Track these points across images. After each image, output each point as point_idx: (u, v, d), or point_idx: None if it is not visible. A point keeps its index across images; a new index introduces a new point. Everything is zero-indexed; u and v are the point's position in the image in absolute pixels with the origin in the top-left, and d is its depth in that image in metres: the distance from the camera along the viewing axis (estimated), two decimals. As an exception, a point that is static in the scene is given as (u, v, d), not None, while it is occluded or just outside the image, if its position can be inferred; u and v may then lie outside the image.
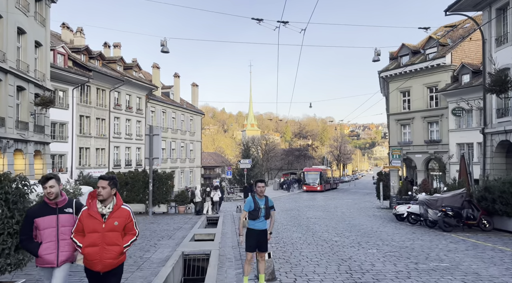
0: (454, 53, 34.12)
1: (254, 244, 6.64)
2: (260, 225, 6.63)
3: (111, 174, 21.19)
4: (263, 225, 6.67)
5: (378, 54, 17.32)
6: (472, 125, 31.57)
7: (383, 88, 47.18)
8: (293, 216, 19.86)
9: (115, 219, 4.23)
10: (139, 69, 42.07)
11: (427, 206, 14.07)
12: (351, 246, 10.69)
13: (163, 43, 16.53)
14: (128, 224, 4.34)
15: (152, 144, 20.57)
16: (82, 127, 32.06)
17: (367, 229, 14.57)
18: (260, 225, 6.64)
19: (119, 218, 4.26)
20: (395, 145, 38.64)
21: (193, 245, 11.10)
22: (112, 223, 4.20)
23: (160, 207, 21.82)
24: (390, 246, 10.72)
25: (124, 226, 4.30)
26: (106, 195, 4.27)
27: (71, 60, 31.16)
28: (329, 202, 31.22)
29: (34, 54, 20.12)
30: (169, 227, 15.55)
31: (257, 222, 6.61)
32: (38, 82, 19.70)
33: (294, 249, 10.41)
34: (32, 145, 19.20)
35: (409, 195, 18.38)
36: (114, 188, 4.39)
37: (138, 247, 10.74)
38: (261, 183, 6.71)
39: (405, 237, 12.48)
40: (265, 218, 6.65)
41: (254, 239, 6.62)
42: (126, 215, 4.33)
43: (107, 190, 4.28)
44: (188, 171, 49.92)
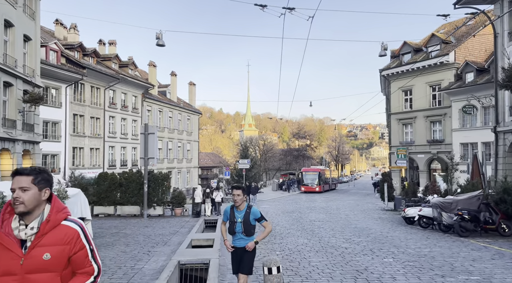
0: (457, 51, 33.32)
1: (235, 265, 5.58)
2: (238, 242, 5.44)
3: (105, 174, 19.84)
4: (242, 243, 5.42)
5: (385, 48, 16.45)
6: (476, 125, 30.79)
7: (384, 87, 46.41)
8: (295, 219, 18.95)
9: (45, 248, 2.28)
10: (135, 67, 41.05)
11: (441, 209, 13.19)
12: (364, 254, 9.78)
13: (159, 36, 15.58)
14: (76, 254, 2.38)
15: (147, 143, 19.58)
16: (75, 127, 31.04)
17: (376, 233, 13.67)
18: (238, 243, 5.45)
19: (53, 246, 2.29)
20: (396, 145, 37.87)
21: (190, 252, 10.17)
22: (40, 256, 2.25)
23: (156, 209, 20.86)
24: (407, 254, 9.82)
25: (66, 259, 2.34)
26: (30, 204, 2.29)
27: (64, 57, 30.15)
28: (330, 204, 30.35)
29: (23, 48, 19.12)
30: (165, 231, 14.61)
31: (234, 238, 5.47)
32: (27, 78, 18.70)
33: (302, 258, 9.50)
34: (20, 144, 18.20)
35: (419, 197, 17.52)
36: (45, 190, 2.38)
37: (130, 256, 9.80)
38: (237, 190, 5.36)
39: (420, 243, 11.59)
40: (245, 235, 5.34)
41: (234, 258, 5.57)
42: (69, 239, 2.35)
43: (30, 194, 2.29)
44: (185, 172, 48.93)
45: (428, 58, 34.73)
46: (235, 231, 5.34)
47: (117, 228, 15.35)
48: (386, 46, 16.36)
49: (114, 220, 18.40)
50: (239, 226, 5.28)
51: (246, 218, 5.28)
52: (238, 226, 5.28)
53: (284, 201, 34.64)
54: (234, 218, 5.33)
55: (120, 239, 12.66)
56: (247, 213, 5.33)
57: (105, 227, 15.79)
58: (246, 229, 5.29)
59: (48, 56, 27.82)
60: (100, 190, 20.72)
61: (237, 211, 5.38)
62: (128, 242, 11.96)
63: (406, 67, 36.32)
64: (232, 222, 5.34)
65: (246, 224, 5.28)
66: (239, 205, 5.33)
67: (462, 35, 35.64)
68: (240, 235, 5.32)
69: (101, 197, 20.72)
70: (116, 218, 19.38)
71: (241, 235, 5.33)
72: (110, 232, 14.32)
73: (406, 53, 37.76)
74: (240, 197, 5.29)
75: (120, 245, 11.39)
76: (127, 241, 12.27)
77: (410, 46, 37.29)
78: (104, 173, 21.86)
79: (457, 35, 36.39)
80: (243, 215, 5.31)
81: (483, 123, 30.34)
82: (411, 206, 16.31)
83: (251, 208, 5.40)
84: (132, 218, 19.73)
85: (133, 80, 37.86)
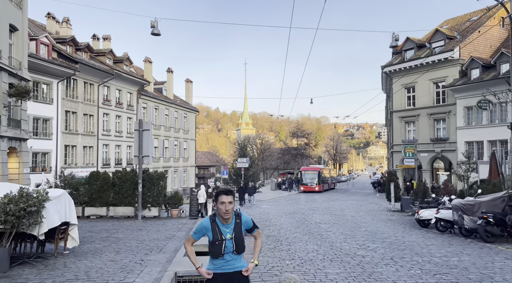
0: (462, 47, 32.38)
1: None
2: (228, 266, 3.79)
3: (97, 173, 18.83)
4: (234, 265, 3.82)
5: (396, 39, 15.43)
6: (482, 122, 29.93)
7: (385, 85, 45.47)
8: (299, 221, 17.86)
9: None
10: (130, 63, 39.82)
11: (463, 212, 12.14)
12: (386, 264, 8.69)
13: (154, 24, 14.45)
14: None
15: (142, 140, 18.50)
16: (68, 124, 29.82)
17: (391, 238, 12.61)
18: (228, 267, 3.79)
19: None
20: (398, 143, 36.95)
21: (188, 261, 9.03)
22: None
23: (151, 210, 19.73)
24: (434, 264, 8.73)
25: None
26: None
27: (56, 51, 28.93)
28: (332, 204, 29.34)
29: (9, 39, 17.91)
30: (160, 235, 13.49)
31: (221, 262, 3.78)
32: (12, 71, 17.49)
33: (316, 269, 8.39)
34: (5, 141, 17.00)
35: (432, 198, 16.52)
36: None
37: (120, 265, 8.68)
38: (226, 196, 3.76)
39: (444, 250, 10.52)
40: (236, 253, 3.80)
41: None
42: None
43: None
44: (181, 171, 47.77)
45: (432, 54, 33.79)
46: (222, 253, 3.74)
47: (108, 232, 14.21)
48: (398, 37, 15.33)
49: (106, 222, 17.25)
50: (229, 245, 3.75)
51: (237, 232, 3.80)
52: (228, 245, 3.75)
53: (284, 201, 33.60)
54: (220, 235, 3.74)
55: (111, 244, 11.52)
56: (237, 225, 3.83)
57: (95, 230, 14.63)
58: (239, 246, 3.78)
59: (38, 50, 26.63)
60: (92, 190, 19.57)
61: (223, 225, 3.80)
62: (119, 249, 10.83)
63: (409, 63, 35.40)
64: (217, 241, 3.73)
65: (238, 239, 3.79)
66: (227, 218, 3.79)
67: (466, 31, 34.69)
68: (231, 255, 3.78)
69: (92, 197, 19.56)
70: (109, 220, 18.23)
71: (232, 255, 3.79)
72: (100, 236, 13.17)
73: (409, 49, 36.81)
74: (232, 205, 3.78)
75: (110, 252, 10.26)
76: (118, 247, 11.13)
77: (413, 42, 36.33)
78: (96, 172, 20.69)
79: (461, 31, 35.46)
80: (232, 229, 3.80)
81: (489, 121, 29.47)
82: (425, 208, 15.30)
83: (241, 216, 3.93)
84: (125, 219, 18.59)
85: (128, 77, 36.66)
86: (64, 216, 9.51)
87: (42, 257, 9.54)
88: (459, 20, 38.93)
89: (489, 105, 21.03)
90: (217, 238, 3.72)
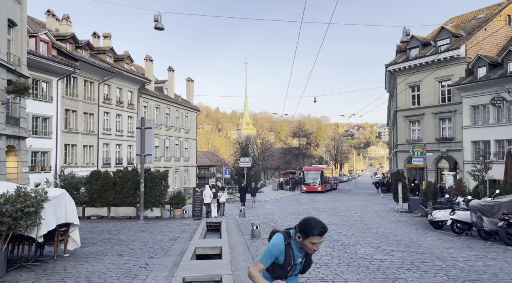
0: (468, 45, 31.86)
1: None
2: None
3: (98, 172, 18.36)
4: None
5: (407, 34, 14.89)
6: (489, 122, 29.42)
7: (388, 84, 44.94)
8: (306, 222, 17.31)
9: None
10: (131, 62, 39.29)
11: (482, 213, 11.62)
12: (408, 269, 8.17)
13: (157, 18, 13.92)
14: None
15: (144, 138, 17.99)
16: (68, 123, 29.29)
17: (405, 240, 12.09)
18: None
19: None
20: (403, 143, 36.47)
21: (196, 265, 8.53)
22: None
23: (153, 210, 19.20)
24: (460, 269, 8.20)
25: None
26: None
27: (56, 49, 28.42)
28: (337, 204, 28.83)
29: (7, 34, 17.38)
30: (164, 237, 12.97)
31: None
32: (11, 67, 16.97)
33: (335, 275, 7.85)
34: (3, 139, 16.48)
35: (446, 198, 15.97)
36: None
37: (124, 270, 8.15)
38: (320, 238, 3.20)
39: (465, 253, 10.00)
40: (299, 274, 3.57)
41: None
42: None
43: None
44: (182, 170, 47.24)
45: (437, 53, 33.29)
46: (288, 274, 3.41)
47: (110, 233, 13.69)
48: (409, 31, 14.81)
49: (107, 223, 16.73)
50: (297, 268, 3.44)
51: (308, 256, 3.45)
52: (297, 268, 3.44)
53: (287, 201, 33.09)
54: (293, 260, 3.34)
55: (113, 247, 11.00)
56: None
57: (96, 231, 14.11)
58: (305, 267, 3.50)
59: (38, 47, 26.12)
60: (93, 189, 19.03)
61: (297, 249, 3.35)
62: (122, 251, 10.30)
63: (414, 62, 34.91)
64: (289, 266, 3.34)
65: (308, 262, 3.49)
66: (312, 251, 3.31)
67: (472, 29, 34.20)
68: (293, 277, 3.48)
69: (93, 197, 19.03)
70: (110, 221, 17.71)
71: (293, 277, 3.49)
72: (102, 237, 12.65)
73: (414, 47, 36.29)
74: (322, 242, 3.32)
75: (113, 255, 9.74)
76: (120, 249, 10.61)
77: (418, 40, 35.80)
78: (97, 171, 20.15)
79: (467, 29, 34.98)
80: (304, 253, 3.39)
81: (496, 120, 28.97)
82: (439, 209, 14.76)
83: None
84: (127, 220, 18.07)
85: (129, 75, 36.13)
86: (65, 217, 8.98)
87: (41, 261, 9.02)
88: (464, 18, 38.42)
89: (503, 103, 20.48)
90: (289, 263, 3.29)
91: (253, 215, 21.11)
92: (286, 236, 3.30)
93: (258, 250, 10.65)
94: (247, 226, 15.81)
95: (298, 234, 3.23)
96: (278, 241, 3.27)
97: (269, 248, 3.29)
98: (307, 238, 3.16)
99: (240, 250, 10.56)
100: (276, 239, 3.29)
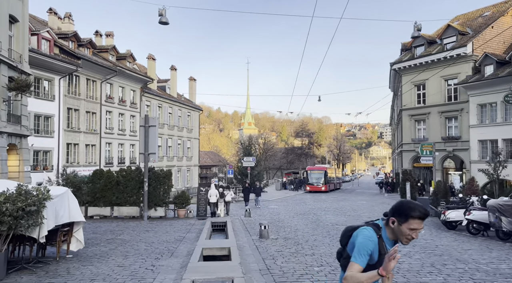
0: (475, 42, 31.43)
1: None
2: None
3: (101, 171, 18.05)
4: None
5: (418, 29, 14.51)
6: (496, 120, 29.00)
7: (393, 82, 44.52)
8: (313, 222, 16.94)
9: None
10: (134, 60, 38.97)
11: (500, 213, 11.22)
12: (429, 273, 7.76)
13: (161, 12, 13.57)
14: None
15: (147, 136, 17.64)
16: (70, 121, 28.98)
17: (420, 241, 11.70)
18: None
19: None
20: (408, 142, 36.05)
21: (205, 267, 8.15)
22: None
23: (157, 210, 18.85)
24: (484, 273, 7.79)
25: None
26: None
27: (58, 47, 28.12)
28: (342, 204, 28.45)
29: (9, 30, 17.05)
30: (169, 237, 12.61)
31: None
32: (12, 64, 16.63)
33: (352, 277, 7.47)
34: (4, 137, 16.14)
35: (459, 198, 15.54)
36: None
37: (129, 272, 7.79)
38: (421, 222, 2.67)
39: (486, 255, 9.60)
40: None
41: None
42: None
43: None
44: (185, 170, 46.90)
45: (443, 51, 32.88)
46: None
47: (113, 233, 13.33)
48: (420, 26, 14.42)
49: (110, 223, 16.37)
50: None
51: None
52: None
53: (291, 201, 32.71)
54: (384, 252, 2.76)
55: (117, 247, 10.63)
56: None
57: (99, 231, 13.76)
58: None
59: (40, 45, 25.83)
60: (95, 189, 18.69)
61: (389, 242, 2.80)
62: (127, 252, 9.94)
63: (420, 60, 34.48)
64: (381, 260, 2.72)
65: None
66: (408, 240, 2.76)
67: (479, 26, 33.77)
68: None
69: (96, 196, 18.69)
70: (113, 220, 17.36)
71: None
72: (106, 238, 12.29)
73: (419, 45, 35.87)
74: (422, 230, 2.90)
75: (117, 256, 9.37)
76: (125, 250, 10.25)
77: (423, 38, 35.34)
78: (100, 170, 19.82)
79: (473, 27, 34.55)
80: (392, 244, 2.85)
81: (504, 119, 28.54)
82: (452, 209, 14.34)
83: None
84: (130, 220, 17.72)
85: (132, 74, 35.81)
86: (68, 216, 8.61)
87: (43, 262, 8.65)
88: (470, 16, 37.98)
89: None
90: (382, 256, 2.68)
91: (258, 215, 20.73)
92: (375, 228, 2.74)
93: (268, 251, 10.27)
94: (253, 226, 15.45)
95: (392, 218, 2.69)
96: (369, 235, 2.70)
97: (361, 242, 2.67)
98: (405, 223, 2.61)
99: (248, 251, 10.18)
100: (366, 232, 2.72)
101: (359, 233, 2.76)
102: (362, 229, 2.80)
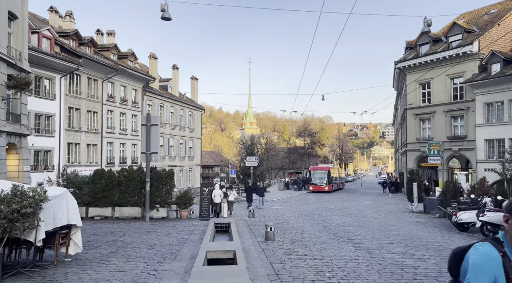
0: (481, 40, 30.94)
1: None
2: None
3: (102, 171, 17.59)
4: None
5: (428, 24, 14.09)
6: (503, 120, 28.52)
7: (397, 81, 44.05)
8: (319, 223, 16.52)
9: None
10: (135, 59, 38.60)
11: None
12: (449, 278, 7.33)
13: (164, 8, 13.17)
14: None
15: (149, 135, 17.26)
16: (71, 121, 28.61)
17: (432, 244, 11.26)
18: None
19: None
20: (412, 142, 35.62)
21: (210, 272, 7.75)
22: None
23: (159, 211, 18.46)
24: (506, 278, 7.40)
25: None
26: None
27: (59, 46, 27.76)
28: (346, 204, 28.03)
29: (8, 27, 16.69)
30: (172, 239, 12.21)
31: None
32: (11, 62, 16.27)
33: (368, 284, 7.09)
34: (3, 136, 15.78)
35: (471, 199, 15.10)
36: None
37: (131, 277, 7.40)
38: None
39: (503, 258, 9.19)
40: None
41: None
42: None
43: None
44: (187, 170, 46.53)
45: (448, 49, 32.39)
46: None
47: (114, 235, 12.94)
48: (430, 22, 14.00)
49: (111, 224, 16.00)
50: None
51: None
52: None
53: (295, 201, 32.30)
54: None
55: (118, 250, 10.25)
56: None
57: (100, 233, 13.37)
58: None
59: (40, 43, 25.47)
60: (96, 189, 18.32)
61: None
62: (128, 255, 9.55)
63: (425, 58, 34.00)
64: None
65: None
66: None
67: (485, 24, 33.28)
68: None
69: (97, 197, 18.31)
70: (114, 221, 16.98)
71: None
72: (106, 240, 11.90)
73: (424, 44, 35.40)
74: None
75: (118, 260, 8.98)
76: (126, 253, 9.86)
77: (428, 36, 34.84)
78: (101, 170, 19.45)
79: (479, 25, 34.06)
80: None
81: (511, 118, 28.07)
82: (464, 210, 13.90)
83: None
84: (132, 221, 17.34)
85: (133, 73, 35.45)
86: (66, 218, 8.23)
87: (40, 266, 8.26)
88: (476, 14, 37.48)
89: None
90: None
91: (262, 215, 20.33)
92: (495, 243, 2.08)
93: (275, 254, 9.86)
94: (258, 227, 15.05)
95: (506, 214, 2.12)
96: (488, 250, 2.04)
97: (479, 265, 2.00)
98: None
99: (255, 254, 9.77)
100: (482, 249, 2.07)
101: (477, 250, 2.11)
102: (476, 245, 2.16)
